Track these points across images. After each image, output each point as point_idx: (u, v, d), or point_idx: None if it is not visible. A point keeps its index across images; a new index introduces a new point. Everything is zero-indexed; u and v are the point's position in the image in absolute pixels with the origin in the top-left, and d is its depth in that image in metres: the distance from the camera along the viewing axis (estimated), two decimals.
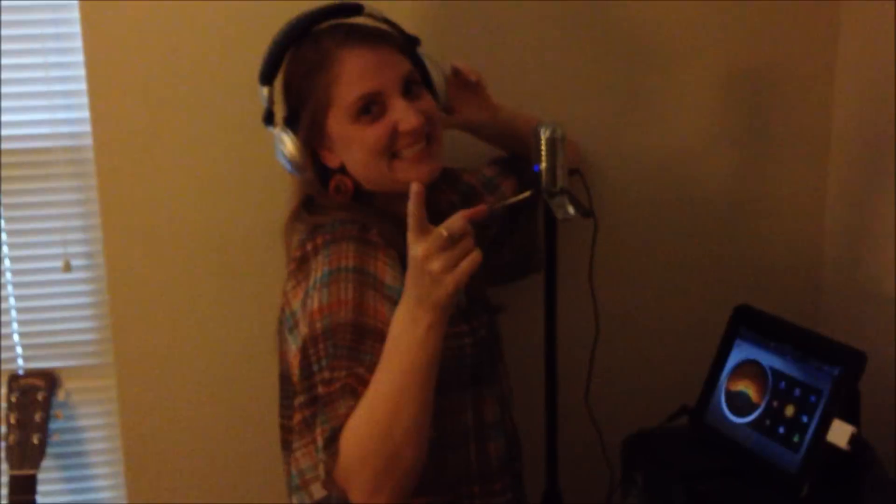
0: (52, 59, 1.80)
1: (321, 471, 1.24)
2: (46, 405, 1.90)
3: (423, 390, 1.22)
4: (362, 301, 1.30)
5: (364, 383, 1.24)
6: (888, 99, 1.73)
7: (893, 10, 1.70)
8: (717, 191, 1.94)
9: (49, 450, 1.88)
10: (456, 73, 1.64)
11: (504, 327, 1.65)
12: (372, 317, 1.30)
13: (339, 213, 1.44)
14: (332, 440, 1.22)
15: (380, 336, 1.26)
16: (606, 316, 1.75)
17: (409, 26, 1.55)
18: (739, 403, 1.63)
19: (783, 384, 1.58)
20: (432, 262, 1.18)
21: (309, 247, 1.40)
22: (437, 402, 1.27)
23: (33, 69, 1.80)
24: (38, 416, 1.88)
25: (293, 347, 1.38)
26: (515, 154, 1.78)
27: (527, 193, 1.58)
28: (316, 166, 1.49)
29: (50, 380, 1.92)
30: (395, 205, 1.47)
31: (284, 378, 1.51)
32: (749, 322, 1.68)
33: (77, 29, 1.76)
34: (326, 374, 1.26)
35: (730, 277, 1.97)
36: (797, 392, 1.55)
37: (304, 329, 1.32)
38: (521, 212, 1.76)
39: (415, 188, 1.19)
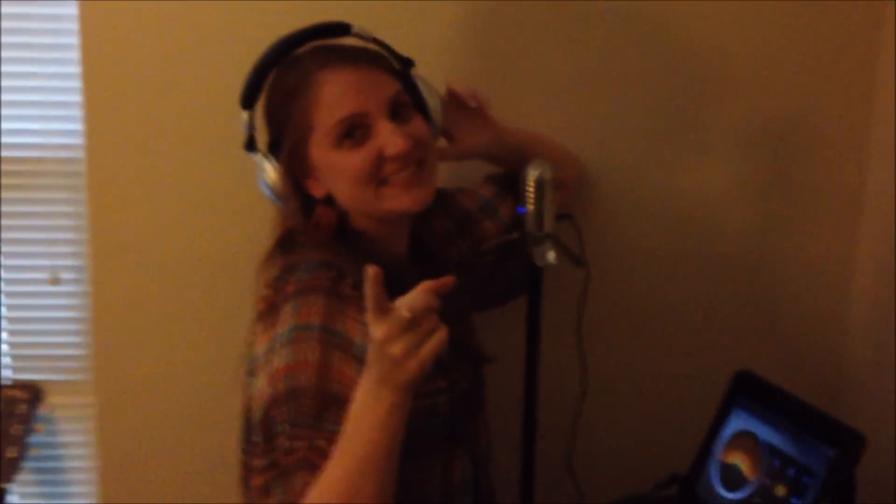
0: (49, 69, 1.78)
1: None
2: (28, 418, 1.86)
3: (382, 472, 1.18)
4: (327, 364, 1.24)
5: (324, 456, 1.20)
6: None
7: None
8: (729, 246, 1.84)
9: (27, 464, 1.85)
10: (452, 94, 1.56)
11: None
12: (336, 381, 1.24)
13: (314, 253, 1.37)
14: None
15: (343, 403, 1.20)
16: (595, 373, 1.67)
17: (411, 49, 1.48)
18: (731, 477, 1.54)
19: (777, 462, 1.48)
20: (393, 345, 1.11)
21: (280, 294, 1.34)
22: (402, 465, 1.22)
23: (29, 78, 1.78)
24: (15, 429, 1.84)
25: (250, 392, 1.34)
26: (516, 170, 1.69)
27: (513, 235, 1.51)
28: (300, 196, 1.41)
29: (33, 392, 1.89)
30: (383, 243, 1.42)
31: (245, 414, 1.44)
32: (749, 390, 1.58)
33: (74, 39, 1.73)
34: (286, 443, 1.23)
35: (733, 342, 1.86)
36: (791, 472, 1.45)
37: (266, 388, 1.27)
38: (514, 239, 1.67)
39: (370, 273, 1.11)
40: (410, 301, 1.12)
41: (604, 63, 1.76)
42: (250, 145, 1.43)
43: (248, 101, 1.41)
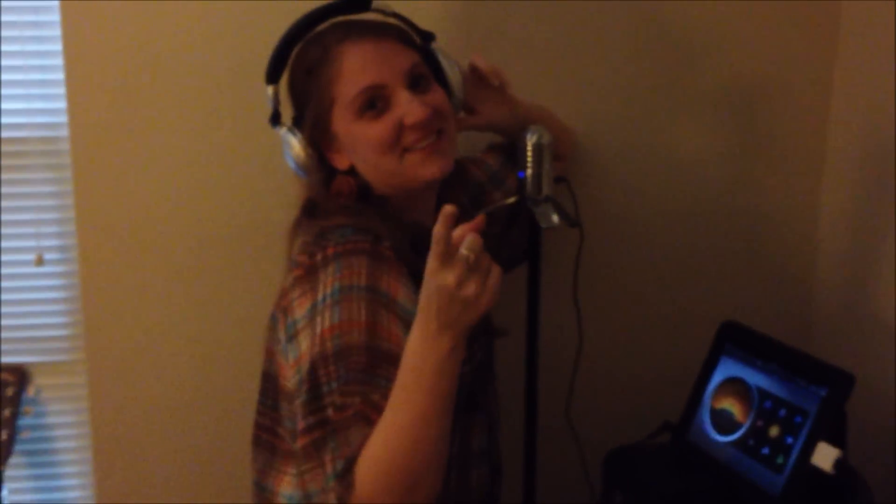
0: (30, 47, 1.76)
1: (332, 499, 1.20)
2: (16, 401, 1.85)
3: (442, 417, 1.20)
4: (376, 322, 1.25)
5: (379, 410, 1.21)
6: (887, 113, 1.70)
7: (894, 22, 1.66)
8: (709, 203, 1.90)
9: (17, 447, 1.84)
10: (473, 69, 1.58)
11: None
12: (385, 339, 1.25)
13: (344, 218, 1.37)
14: (347, 470, 1.19)
15: (394, 359, 1.21)
16: (590, 328, 1.72)
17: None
18: (723, 422, 1.59)
19: (769, 403, 1.54)
20: (467, 287, 1.14)
21: (319, 256, 1.32)
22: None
23: (10, 57, 1.76)
24: (6, 412, 1.83)
25: (290, 357, 1.33)
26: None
27: (513, 199, 1.54)
28: (324, 168, 1.43)
29: (20, 375, 1.87)
30: (407, 212, 1.43)
31: (269, 377, 1.45)
32: (735, 339, 1.64)
33: (56, 17, 1.72)
34: (338, 399, 1.23)
35: (718, 292, 1.93)
36: (782, 412, 1.51)
37: (311, 346, 1.27)
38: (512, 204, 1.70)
39: (447, 210, 1.12)
40: (468, 244, 1.13)
41: (588, 32, 1.81)
42: (275, 119, 1.45)
43: (272, 77, 1.43)
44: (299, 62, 1.41)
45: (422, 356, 1.17)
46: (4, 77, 1.77)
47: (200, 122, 1.76)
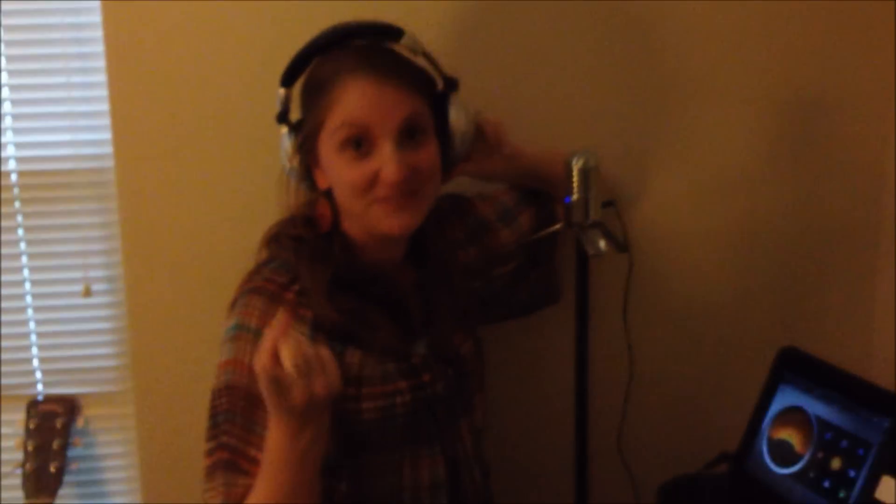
0: (75, 79, 1.77)
1: None
2: (65, 432, 1.86)
3: (300, 494, 1.26)
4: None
5: (245, 458, 1.32)
6: None
7: None
8: (763, 221, 1.84)
9: (67, 478, 1.84)
10: (477, 128, 1.54)
11: (534, 365, 1.59)
12: None
13: (276, 251, 1.45)
14: None
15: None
16: (641, 355, 1.69)
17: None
18: (782, 453, 1.55)
19: (829, 435, 1.49)
20: (293, 392, 1.17)
21: (240, 289, 1.44)
22: (369, 459, 1.40)
23: (56, 89, 1.78)
24: (56, 444, 1.84)
25: None
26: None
27: (556, 227, 1.52)
28: (308, 180, 1.46)
29: (69, 406, 1.88)
30: (372, 249, 1.45)
31: None
32: (795, 366, 1.59)
33: (100, 48, 1.73)
34: (224, 439, 1.35)
35: (776, 316, 1.87)
36: (844, 444, 1.46)
37: (214, 378, 1.38)
38: (540, 249, 1.68)
39: (279, 317, 1.18)
40: (287, 355, 1.16)
41: (620, 48, 1.76)
42: (282, 118, 1.46)
43: (287, 80, 1.44)
44: (312, 74, 1.42)
45: (273, 439, 1.24)
46: (50, 109, 1.78)
47: (246, 151, 1.76)
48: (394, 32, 1.42)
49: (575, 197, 1.45)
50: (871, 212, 1.85)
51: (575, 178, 1.44)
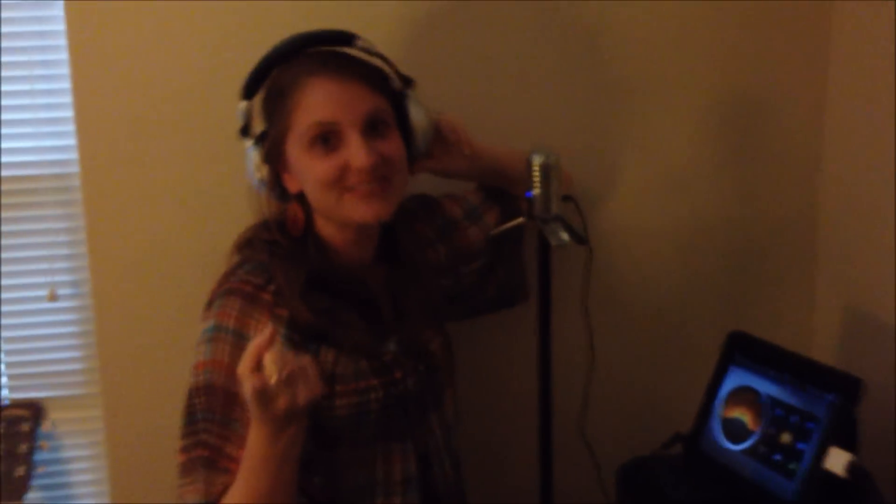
0: (39, 86, 1.78)
1: None
2: (31, 436, 1.85)
3: (277, 494, 1.32)
4: (235, 367, 1.30)
5: (224, 456, 1.37)
6: (884, 114, 1.72)
7: (887, 32, 1.68)
8: (707, 214, 1.92)
9: (34, 482, 1.84)
10: (436, 127, 1.59)
11: (498, 355, 1.64)
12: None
13: (251, 252, 1.48)
14: None
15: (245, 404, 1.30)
16: (601, 344, 1.74)
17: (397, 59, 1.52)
18: (735, 430, 1.62)
19: (779, 411, 1.56)
20: (277, 400, 1.23)
21: (216, 290, 1.46)
22: (343, 453, 1.44)
23: (20, 96, 1.78)
24: (22, 448, 1.83)
25: None
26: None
27: (519, 220, 1.57)
28: (277, 188, 1.49)
29: (35, 410, 1.87)
30: (345, 250, 1.49)
31: None
32: (743, 348, 1.67)
33: (64, 56, 1.74)
34: (203, 437, 1.39)
35: (724, 302, 1.95)
36: (794, 419, 1.54)
37: (191, 377, 1.41)
38: (505, 245, 1.74)
39: (267, 331, 1.22)
40: (268, 366, 1.21)
41: (568, 47, 1.83)
42: (244, 132, 1.49)
43: (247, 93, 1.48)
44: (272, 84, 1.46)
45: (253, 442, 1.30)
46: (14, 116, 1.79)
47: (211, 155, 1.78)
48: (348, 37, 1.48)
49: (536, 192, 1.50)
50: (808, 203, 1.94)
51: (536, 174, 1.49)
